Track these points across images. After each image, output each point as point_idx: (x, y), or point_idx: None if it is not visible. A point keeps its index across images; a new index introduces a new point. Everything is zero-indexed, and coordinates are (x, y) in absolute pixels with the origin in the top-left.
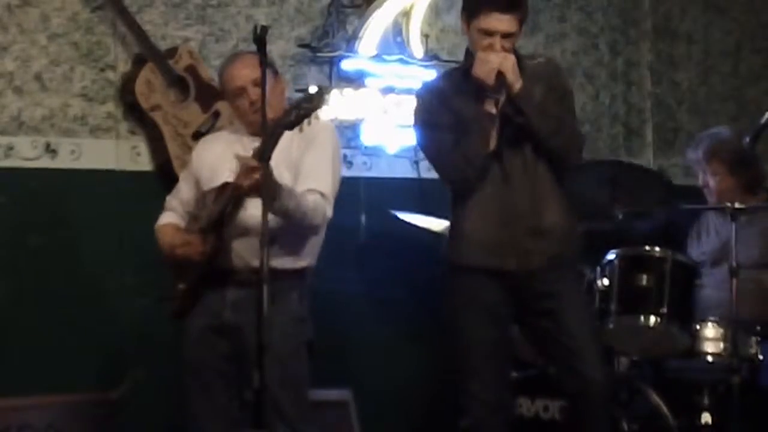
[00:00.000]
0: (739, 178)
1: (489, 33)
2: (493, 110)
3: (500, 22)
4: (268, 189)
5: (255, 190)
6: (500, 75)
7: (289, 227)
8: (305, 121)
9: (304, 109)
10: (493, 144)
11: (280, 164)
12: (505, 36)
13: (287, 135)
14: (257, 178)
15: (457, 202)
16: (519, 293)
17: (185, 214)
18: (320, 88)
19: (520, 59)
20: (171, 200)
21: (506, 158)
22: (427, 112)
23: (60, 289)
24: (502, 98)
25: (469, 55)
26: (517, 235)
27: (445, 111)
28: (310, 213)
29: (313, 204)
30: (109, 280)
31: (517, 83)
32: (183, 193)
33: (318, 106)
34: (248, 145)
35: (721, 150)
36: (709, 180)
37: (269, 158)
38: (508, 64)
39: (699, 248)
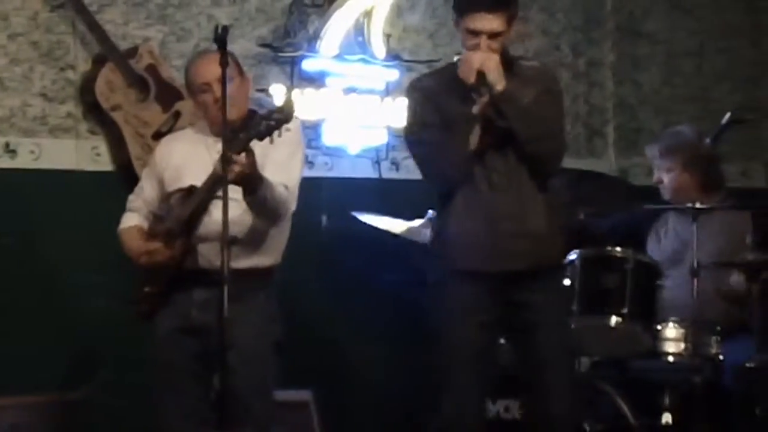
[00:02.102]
0: (694, 175)
1: (475, 32)
2: (474, 110)
3: (485, 21)
4: (251, 179)
5: (238, 182)
6: (481, 75)
7: (253, 223)
8: (276, 133)
9: (275, 120)
10: (473, 144)
11: None
12: (492, 36)
13: None
14: (237, 171)
15: (443, 205)
16: (503, 299)
17: (149, 214)
18: (289, 99)
19: (513, 61)
20: (134, 200)
21: (490, 160)
22: (415, 110)
23: (21, 290)
24: (485, 99)
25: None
26: (501, 237)
27: (433, 110)
28: (280, 205)
29: (283, 196)
30: (70, 280)
31: (499, 84)
32: (146, 193)
33: (289, 119)
34: (212, 146)
35: (678, 147)
36: (663, 176)
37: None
38: (490, 63)
39: (659, 248)
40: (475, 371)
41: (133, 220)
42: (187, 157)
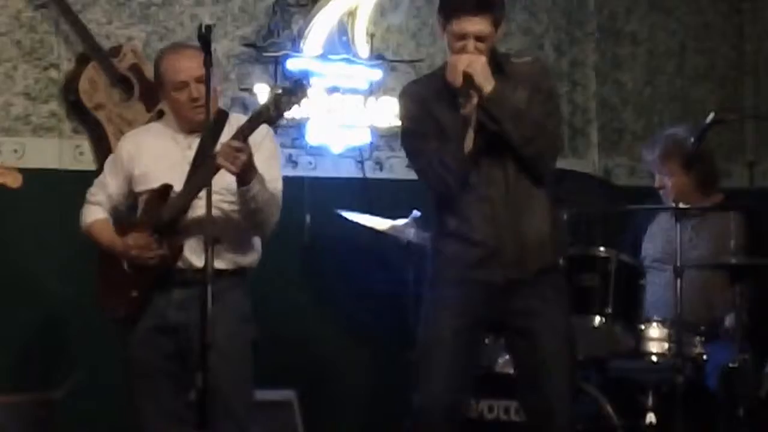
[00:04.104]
0: (694, 177)
1: (461, 36)
2: (461, 111)
3: (471, 24)
4: (249, 169)
5: (238, 172)
6: (468, 77)
7: (234, 224)
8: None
9: (284, 103)
10: (468, 148)
11: None
12: (479, 38)
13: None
14: (244, 160)
15: (441, 213)
16: (500, 306)
17: (111, 210)
18: (300, 83)
19: (504, 59)
20: (97, 193)
21: (486, 166)
22: (409, 119)
23: (1, 289)
24: (474, 100)
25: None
26: (500, 245)
27: (426, 117)
28: (267, 205)
29: (272, 198)
30: (51, 279)
31: (487, 85)
32: (111, 189)
33: (299, 101)
34: (183, 143)
35: (677, 150)
36: (666, 181)
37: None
38: (476, 66)
39: (653, 247)
40: (456, 367)
41: (98, 213)
42: (159, 156)
